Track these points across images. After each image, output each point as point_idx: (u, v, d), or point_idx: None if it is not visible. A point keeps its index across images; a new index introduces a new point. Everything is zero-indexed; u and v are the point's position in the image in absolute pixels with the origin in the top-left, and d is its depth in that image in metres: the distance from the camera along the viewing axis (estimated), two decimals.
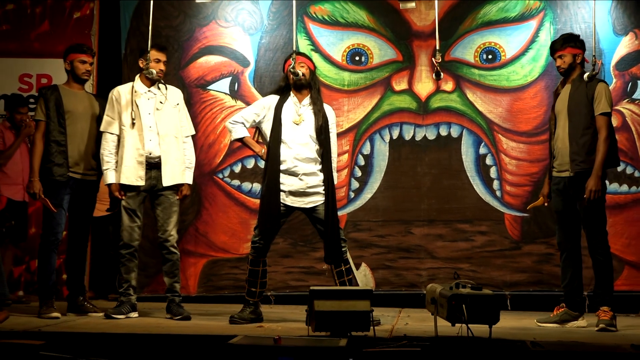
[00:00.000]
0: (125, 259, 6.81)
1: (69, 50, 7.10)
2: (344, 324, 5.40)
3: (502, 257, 8.23)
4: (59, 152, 6.88)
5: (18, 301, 8.04)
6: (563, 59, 6.62)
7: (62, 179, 6.88)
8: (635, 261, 8.03)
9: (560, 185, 6.60)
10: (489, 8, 8.39)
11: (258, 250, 6.55)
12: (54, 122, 6.91)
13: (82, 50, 7.08)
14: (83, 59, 7.03)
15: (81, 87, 7.11)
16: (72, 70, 7.04)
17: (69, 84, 7.08)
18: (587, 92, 6.46)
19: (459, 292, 5.28)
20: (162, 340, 5.58)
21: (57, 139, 6.90)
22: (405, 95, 8.40)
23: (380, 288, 8.17)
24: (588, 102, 6.45)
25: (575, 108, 6.52)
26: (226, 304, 7.97)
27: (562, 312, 6.63)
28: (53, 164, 6.87)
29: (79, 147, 6.96)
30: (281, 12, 8.52)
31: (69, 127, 6.93)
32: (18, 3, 8.72)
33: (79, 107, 7.01)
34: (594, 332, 6.23)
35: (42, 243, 6.95)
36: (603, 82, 6.60)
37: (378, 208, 8.40)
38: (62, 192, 6.89)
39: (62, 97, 6.95)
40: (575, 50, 6.61)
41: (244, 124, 6.70)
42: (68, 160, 6.90)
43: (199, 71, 8.53)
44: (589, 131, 6.44)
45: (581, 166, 6.43)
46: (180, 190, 6.90)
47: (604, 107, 6.41)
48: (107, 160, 6.81)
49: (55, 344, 5.17)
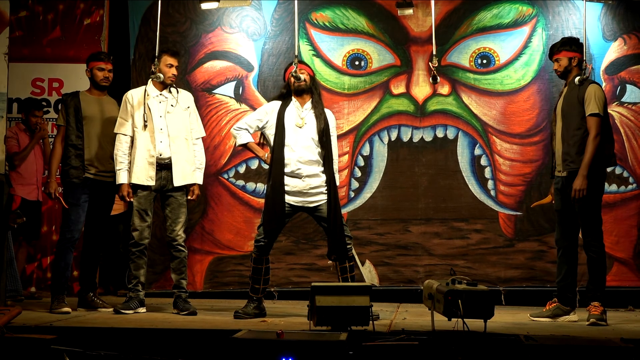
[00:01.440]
0: (135, 256, 6.85)
1: (89, 58, 7.19)
2: (345, 318, 5.48)
3: (496, 254, 8.31)
4: (75, 156, 6.99)
5: (30, 297, 8.12)
6: (559, 62, 6.65)
7: (77, 181, 6.98)
8: (623, 258, 8.11)
9: (559, 184, 6.65)
10: (484, 14, 8.47)
11: (261, 248, 6.60)
12: (72, 126, 7.03)
13: (99, 58, 7.17)
14: (101, 66, 7.12)
15: (101, 92, 7.19)
16: (92, 77, 7.14)
17: (90, 90, 7.18)
18: (579, 94, 6.51)
19: (455, 288, 5.33)
20: (169, 335, 5.64)
21: (75, 143, 7.01)
22: (403, 99, 8.47)
23: (380, 284, 8.23)
24: (579, 104, 6.49)
25: (568, 110, 6.58)
26: (231, 299, 7.99)
27: (554, 307, 6.67)
28: (70, 166, 7.00)
29: (96, 150, 7.04)
30: (284, 19, 8.59)
31: (86, 132, 7.02)
32: (31, 10, 8.79)
33: (96, 112, 7.09)
34: (585, 326, 6.23)
35: (60, 240, 7.04)
36: (595, 84, 6.62)
37: (377, 207, 8.46)
38: (78, 192, 6.99)
39: (80, 103, 7.04)
40: (571, 53, 6.63)
41: (248, 130, 6.77)
42: (84, 163, 6.99)
43: (204, 75, 8.60)
44: (579, 132, 6.48)
45: (571, 166, 6.49)
46: (192, 190, 6.97)
47: (593, 108, 6.43)
48: (120, 160, 6.87)
49: (66, 338, 5.22)
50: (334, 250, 6.57)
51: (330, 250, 6.59)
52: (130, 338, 5.54)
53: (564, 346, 4.84)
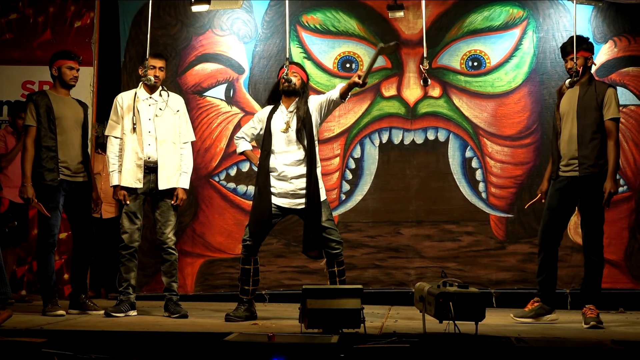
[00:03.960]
0: (125, 259, 6.86)
1: (56, 56, 7.08)
2: (336, 321, 5.48)
3: (487, 256, 8.33)
4: (50, 158, 6.91)
5: (21, 300, 8.11)
6: (576, 62, 6.55)
7: (53, 184, 6.91)
8: (615, 260, 8.11)
9: (564, 184, 6.62)
10: (475, 17, 8.49)
11: (248, 248, 6.60)
12: (44, 127, 6.93)
13: (69, 56, 7.08)
14: (71, 65, 7.04)
15: (67, 92, 7.11)
16: (59, 76, 7.03)
17: (56, 89, 7.08)
18: (597, 97, 6.50)
19: (446, 290, 5.34)
20: (160, 338, 5.63)
21: (49, 145, 6.92)
22: (394, 101, 8.49)
23: (371, 286, 8.21)
24: (598, 106, 6.49)
25: (584, 112, 6.53)
26: (222, 302, 7.98)
27: (537, 307, 6.67)
28: (45, 169, 6.90)
29: (68, 151, 6.98)
30: (274, 22, 8.59)
31: (58, 133, 6.95)
32: (21, 13, 8.77)
33: (67, 112, 7.03)
34: (575, 328, 6.26)
35: (40, 245, 6.99)
36: (612, 87, 6.62)
37: (368, 209, 8.46)
38: (55, 195, 6.93)
39: (52, 103, 6.97)
40: (587, 53, 6.62)
41: (245, 138, 6.85)
42: (58, 165, 6.93)
43: (195, 78, 8.59)
44: (598, 135, 6.47)
45: (590, 170, 6.47)
46: (176, 194, 6.94)
47: (614, 113, 6.47)
48: (112, 162, 6.89)
49: (57, 341, 5.20)
50: (307, 245, 6.54)
51: (304, 245, 6.57)
52: (121, 341, 5.54)
53: (554, 348, 4.85)
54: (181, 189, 6.99)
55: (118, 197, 6.90)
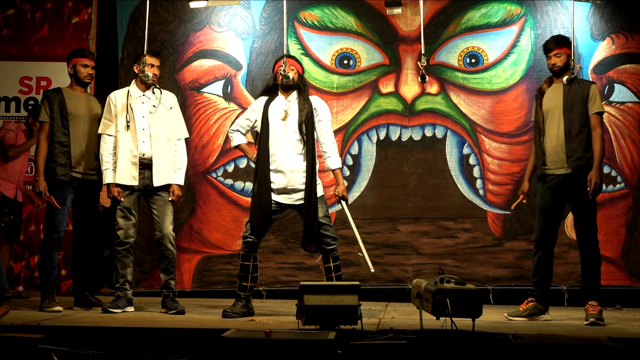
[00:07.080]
0: (121, 255, 6.87)
1: (71, 54, 7.17)
2: (333, 317, 5.49)
3: (484, 253, 8.33)
4: (62, 153, 6.98)
5: (18, 296, 8.09)
6: (559, 57, 6.66)
7: (65, 179, 6.97)
8: (612, 257, 8.12)
9: (553, 182, 6.66)
10: (472, 14, 8.49)
11: (249, 245, 6.60)
12: (57, 123, 7.00)
13: (84, 54, 7.16)
14: (85, 62, 7.12)
15: (83, 90, 7.18)
16: (74, 74, 7.12)
17: (72, 87, 7.16)
18: (582, 91, 6.59)
19: (444, 287, 5.36)
20: (157, 334, 5.63)
21: (61, 140, 7.00)
22: (391, 98, 8.49)
23: (368, 283, 8.18)
24: (584, 101, 6.57)
25: (571, 106, 6.60)
26: (219, 298, 8.00)
27: (531, 306, 6.68)
28: (56, 164, 6.97)
29: (81, 148, 7.04)
30: (272, 18, 8.60)
31: (71, 129, 7.02)
32: (19, 9, 8.77)
33: (81, 110, 7.08)
34: (573, 324, 6.29)
35: (47, 240, 7.02)
36: (594, 83, 6.77)
37: (366, 206, 8.46)
38: (65, 190, 6.98)
39: (65, 100, 7.03)
40: (569, 50, 6.71)
41: (240, 131, 6.80)
42: (71, 161, 6.99)
43: (193, 74, 8.59)
44: (585, 129, 6.56)
45: (578, 162, 6.54)
46: (171, 190, 6.97)
47: (599, 107, 6.60)
48: (106, 160, 6.90)
49: (54, 337, 5.21)
50: (305, 240, 6.56)
51: (303, 240, 6.59)
52: (118, 337, 5.54)
53: (551, 345, 4.86)
54: (176, 185, 7.02)
55: (112, 194, 6.91)
